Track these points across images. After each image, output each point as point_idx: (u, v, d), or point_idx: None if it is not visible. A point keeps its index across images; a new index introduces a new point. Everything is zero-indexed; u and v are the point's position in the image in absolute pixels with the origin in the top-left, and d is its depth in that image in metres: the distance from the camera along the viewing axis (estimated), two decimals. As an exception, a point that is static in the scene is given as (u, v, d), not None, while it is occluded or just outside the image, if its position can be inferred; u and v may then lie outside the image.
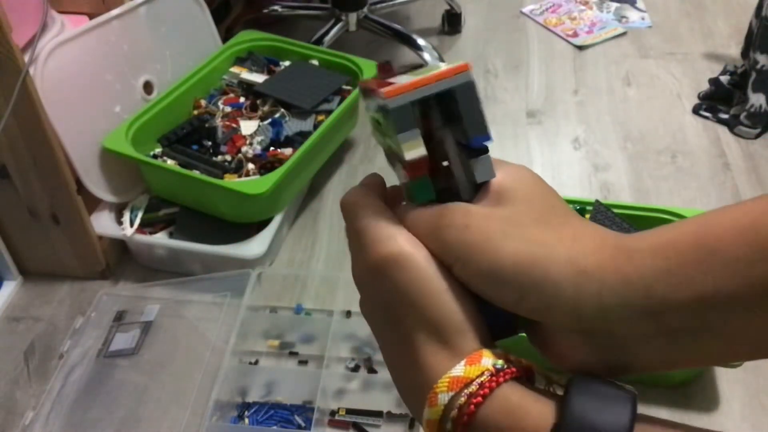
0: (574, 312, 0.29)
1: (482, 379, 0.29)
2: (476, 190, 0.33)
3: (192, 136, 1.25)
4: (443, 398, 0.30)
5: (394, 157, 0.36)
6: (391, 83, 0.34)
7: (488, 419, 0.29)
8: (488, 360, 0.30)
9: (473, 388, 0.29)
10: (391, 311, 0.33)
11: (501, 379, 0.29)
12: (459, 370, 0.30)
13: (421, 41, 1.60)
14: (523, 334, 0.34)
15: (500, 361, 0.30)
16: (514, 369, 0.30)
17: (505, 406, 0.29)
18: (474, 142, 0.32)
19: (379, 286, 0.33)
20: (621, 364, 0.30)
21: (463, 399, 0.29)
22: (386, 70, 0.39)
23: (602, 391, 0.29)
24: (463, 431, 0.29)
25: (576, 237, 0.31)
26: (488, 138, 0.32)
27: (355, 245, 0.35)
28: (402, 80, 0.34)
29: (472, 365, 0.30)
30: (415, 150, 0.32)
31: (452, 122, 0.33)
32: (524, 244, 0.30)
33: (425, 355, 0.31)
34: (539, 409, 0.29)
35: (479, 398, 0.29)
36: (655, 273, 0.28)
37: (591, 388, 0.29)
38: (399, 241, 0.32)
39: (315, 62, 1.41)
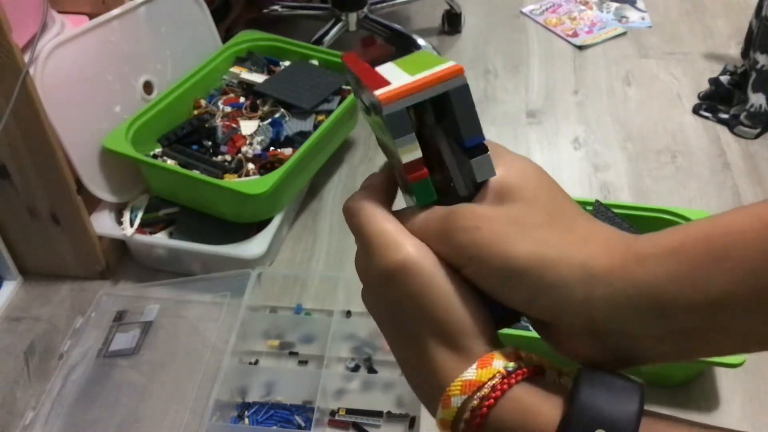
0: (585, 314, 0.30)
1: (494, 381, 0.30)
2: (477, 189, 0.33)
3: (192, 136, 1.25)
4: (456, 401, 0.30)
5: (386, 149, 0.36)
6: (381, 77, 0.33)
7: (500, 420, 0.30)
8: (499, 362, 0.30)
9: (485, 391, 0.30)
10: (401, 316, 0.33)
11: (512, 381, 0.30)
12: (471, 373, 0.30)
13: (421, 41, 1.60)
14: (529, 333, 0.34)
15: (511, 363, 0.30)
16: (525, 369, 0.30)
17: (517, 407, 0.29)
18: (468, 143, 0.33)
19: (389, 293, 0.33)
20: (630, 358, 0.31)
21: (475, 402, 0.30)
22: (369, 44, 0.38)
23: (610, 383, 0.29)
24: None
25: (586, 239, 0.31)
26: (482, 138, 0.33)
27: (361, 251, 0.35)
28: (388, 72, 0.34)
29: (484, 368, 0.30)
30: (411, 153, 0.32)
31: (446, 122, 0.34)
32: (535, 246, 0.30)
33: (437, 359, 0.32)
34: (550, 407, 0.29)
35: (491, 401, 0.29)
36: (665, 277, 0.28)
37: (599, 380, 0.29)
38: (406, 248, 0.32)
39: (315, 62, 1.41)
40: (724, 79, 1.57)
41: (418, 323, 0.32)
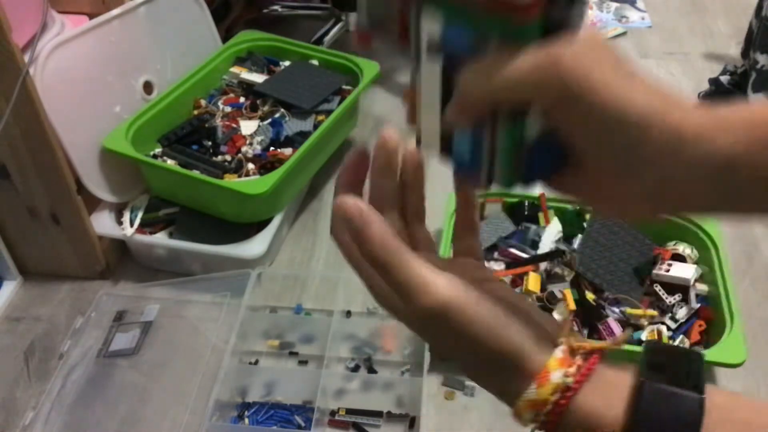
0: (661, 171, 0.31)
1: (555, 397, 0.32)
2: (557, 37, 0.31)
3: (192, 136, 1.25)
4: (526, 416, 0.33)
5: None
6: None
7: (569, 425, 0.32)
8: (557, 374, 0.32)
9: (549, 407, 0.32)
10: (450, 348, 0.35)
11: (572, 393, 0.32)
12: (532, 393, 0.32)
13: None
14: None
15: (570, 373, 0.32)
16: (583, 373, 0.32)
17: (581, 416, 0.32)
18: None
19: (432, 332, 0.35)
20: (671, 210, 0.33)
21: (543, 417, 0.32)
22: None
23: (671, 395, 0.31)
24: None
25: (679, 102, 0.31)
26: None
27: (390, 293, 0.35)
28: None
29: (543, 386, 0.32)
30: None
31: None
32: (647, 99, 0.30)
33: (496, 383, 0.34)
34: (612, 409, 0.31)
35: (556, 415, 0.32)
36: (747, 145, 0.30)
37: (661, 392, 0.31)
38: (435, 289, 0.33)
39: (315, 62, 1.41)
40: (724, 79, 1.57)
41: (469, 356, 0.34)
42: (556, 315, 1.02)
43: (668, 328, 1.01)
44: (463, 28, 0.32)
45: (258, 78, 1.35)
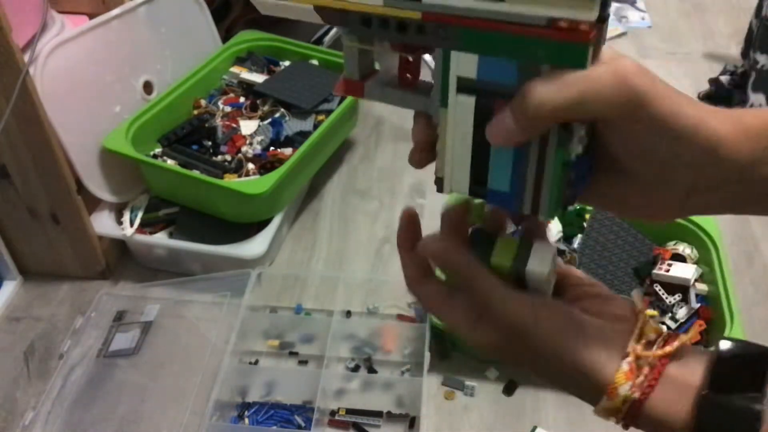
0: (697, 172, 0.34)
1: (626, 407, 0.35)
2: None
3: (192, 136, 1.25)
4: (604, 417, 0.37)
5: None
6: None
7: (644, 425, 0.36)
8: (624, 387, 0.35)
9: (622, 414, 0.35)
10: (525, 366, 0.39)
11: (641, 405, 0.35)
12: (605, 403, 0.36)
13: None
14: None
15: (635, 390, 0.34)
16: (650, 384, 0.35)
17: (652, 419, 0.35)
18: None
19: (507, 355, 0.39)
20: (696, 211, 0.36)
21: (620, 421, 0.36)
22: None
23: (732, 408, 0.33)
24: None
25: (712, 110, 0.34)
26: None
27: (475, 313, 0.39)
28: None
29: (613, 399, 0.35)
30: (589, 13, 0.29)
31: None
32: (690, 107, 0.33)
33: (573, 393, 0.38)
34: (680, 414, 0.34)
35: (630, 419, 0.35)
36: (765, 150, 0.34)
37: (721, 406, 0.34)
38: (511, 309, 0.37)
39: (315, 62, 1.41)
40: (724, 79, 1.57)
41: (543, 373, 0.38)
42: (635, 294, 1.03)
43: (668, 328, 1.01)
44: (506, 61, 0.32)
45: (258, 78, 1.35)
